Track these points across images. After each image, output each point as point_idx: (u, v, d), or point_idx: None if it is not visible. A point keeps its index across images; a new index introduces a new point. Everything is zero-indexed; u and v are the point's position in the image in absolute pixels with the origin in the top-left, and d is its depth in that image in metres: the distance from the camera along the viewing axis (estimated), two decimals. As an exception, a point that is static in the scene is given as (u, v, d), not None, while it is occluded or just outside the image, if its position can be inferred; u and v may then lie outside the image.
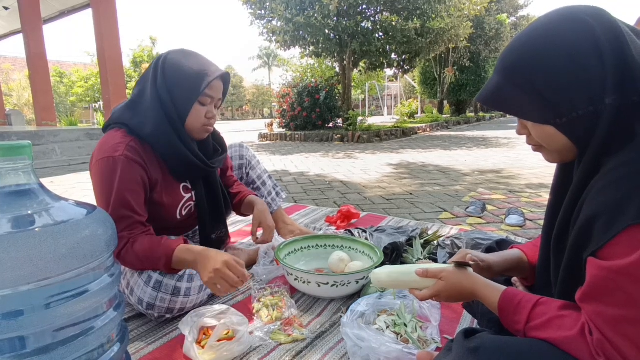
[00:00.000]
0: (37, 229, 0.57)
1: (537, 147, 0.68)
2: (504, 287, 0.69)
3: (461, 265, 0.80)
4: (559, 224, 0.67)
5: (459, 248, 1.44)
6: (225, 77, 1.21)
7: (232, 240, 1.52)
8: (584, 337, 0.55)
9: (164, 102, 1.14)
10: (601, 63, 0.56)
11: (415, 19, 8.35)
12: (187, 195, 1.29)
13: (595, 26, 0.57)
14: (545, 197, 2.86)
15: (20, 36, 8.06)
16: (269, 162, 5.22)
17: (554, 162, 0.69)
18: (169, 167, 1.22)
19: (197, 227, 1.45)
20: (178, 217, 1.28)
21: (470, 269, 0.78)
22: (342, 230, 1.91)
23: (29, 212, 0.59)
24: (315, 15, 8.08)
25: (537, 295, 0.65)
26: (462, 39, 10.09)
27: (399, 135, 9.11)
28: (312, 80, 9.64)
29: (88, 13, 7.51)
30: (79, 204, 0.68)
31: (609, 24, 0.58)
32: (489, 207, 2.57)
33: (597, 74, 0.56)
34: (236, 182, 1.57)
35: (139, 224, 1.12)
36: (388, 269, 0.89)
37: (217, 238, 1.40)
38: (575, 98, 0.58)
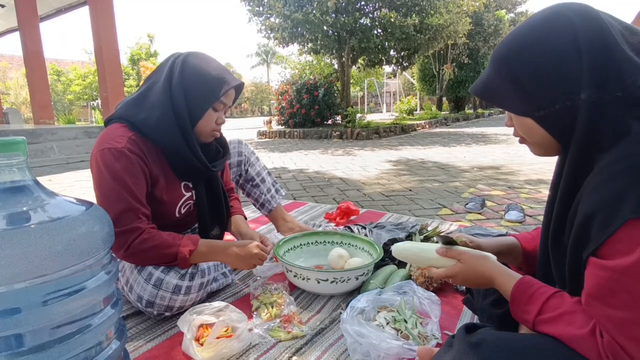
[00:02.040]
0: (32, 226, 0.56)
1: (522, 140, 0.70)
2: (520, 276, 0.69)
3: (448, 241, 0.83)
4: (554, 220, 0.67)
5: (459, 244, 1.43)
6: (239, 87, 1.22)
7: (227, 238, 1.53)
8: (594, 338, 0.54)
9: (175, 102, 1.13)
10: (578, 58, 0.58)
11: (414, 15, 8.32)
12: (188, 194, 1.29)
13: (576, 22, 0.59)
14: (544, 192, 2.86)
15: (16, 34, 7.99)
16: (268, 160, 5.21)
17: (538, 155, 0.70)
18: (170, 165, 1.20)
19: (194, 226, 1.45)
20: (177, 214, 1.28)
21: (494, 257, 0.77)
22: (342, 227, 1.90)
23: (24, 208, 0.59)
24: (314, 11, 8.04)
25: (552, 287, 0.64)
26: (460, 35, 10.07)
27: (397, 132, 9.10)
28: (311, 77, 9.61)
29: (85, 10, 7.46)
30: (75, 201, 0.67)
31: (592, 20, 0.59)
32: (488, 203, 2.57)
33: (574, 69, 0.58)
34: (231, 192, 1.55)
35: (146, 217, 1.12)
36: (410, 244, 0.91)
37: (214, 236, 1.40)
38: (553, 92, 0.60)
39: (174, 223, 1.30)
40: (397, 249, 0.92)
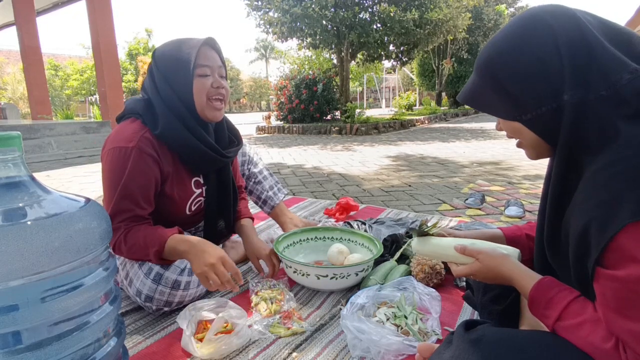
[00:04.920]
0: (28, 222, 0.56)
1: (519, 143, 0.69)
2: (540, 277, 0.67)
3: (421, 233, 0.86)
4: (547, 223, 0.66)
5: (459, 239, 1.43)
6: (211, 43, 1.19)
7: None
8: (617, 352, 0.52)
9: (165, 96, 1.14)
10: (559, 59, 0.57)
11: (414, 10, 8.28)
12: (198, 191, 1.28)
13: (553, 24, 0.59)
14: (544, 188, 2.86)
15: (13, 28, 7.93)
16: (267, 155, 5.20)
17: (532, 158, 0.70)
18: (182, 161, 1.21)
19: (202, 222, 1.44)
20: (187, 212, 1.28)
21: (516, 252, 0.77)
22: (341, 223, 1.90)
23: (20, 204, 0.58)
24: (313, 6, 8.00)
25: (574, 291, 0.62)
26: (460, 30, 10.03)
27: (397, 127, 9.08)
28: (310, 72, 9.57)
29: (82, 5, 7.40)
30: (72, 197, 0.66)
31: (569, 19, 0.58)
32: (488, 199, 2.57)
33: (555, 71, 0.58)
34: (241, 189, 1.54)
35: (138, 217, 1.12)
36: (429, 239, 0.91)
37: (220, 230, 1.39)
38: (538, 94, 0.60)
39: (184, 221, 1.30)
40: (415, 245, 0.92)
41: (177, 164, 1.20)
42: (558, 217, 0.63)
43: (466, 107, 16.46)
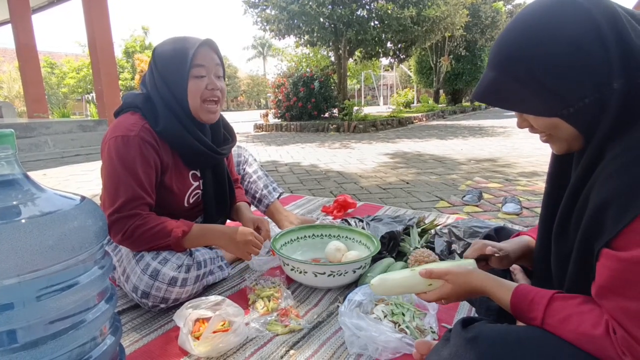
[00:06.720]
0: (22, 220, 0.55)
1: (548, 137, 0.64)
2: (514, 285, 0.66)
3: (481, 259, 0.80)
4: (561, 212, 0.65)
5: (457, 236, 1.43)
6: (209, 43, 1.19)
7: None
8: (609, 336, 0.52)
9: (163, 95, 1.17)
10: (604, 47, 0.54)
11: (411, 7, 8.26)
12: (195, 183, 1.31)
13: (592, 10, 0.55)
14: (541, 185, 2.86)
15: (8, 26, 7.87)
16: (265, 153, 5.19)
17: (562, 152, 0.65)
18: (179, 155, 1.23)
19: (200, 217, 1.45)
20: (186, 204, 1.29)
21: (469, 265, 0.76)
22: (339, 220, 1.90)
23: (13, 202, 0.57)
24: (310, 3, 7.97)
25: (543, 288, 0.62)
26: (458, 27, 10.01)
27: (394, 124, 9.08)
28: (307, 69, 9.54)
29: (78, 2, 7.34)
30: (67, 195, 0.66)
31: (606, 7, 0.56)
32: (485, 196, 2.57)
33: (601, 59, 0.54)
34: (236, 182, 1.57)
35: (148, 205, 1.14)
36: (386, 279, 0.81)
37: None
38: (582, 86, 0.55)
39: (183, 213, 1.31)
40: (377, 288, 0.81)
41: (175, 157, 1.23)
42: (574, 200, 0.61)
43: (464, 104, 16.49)
